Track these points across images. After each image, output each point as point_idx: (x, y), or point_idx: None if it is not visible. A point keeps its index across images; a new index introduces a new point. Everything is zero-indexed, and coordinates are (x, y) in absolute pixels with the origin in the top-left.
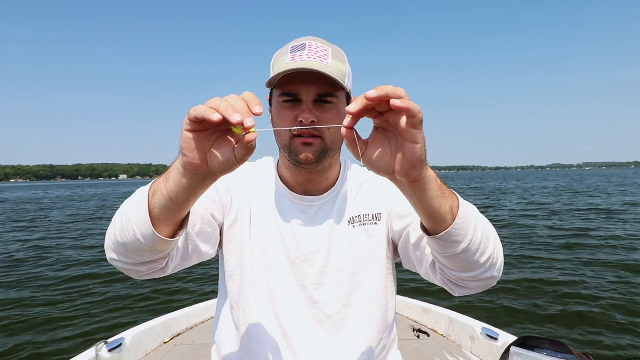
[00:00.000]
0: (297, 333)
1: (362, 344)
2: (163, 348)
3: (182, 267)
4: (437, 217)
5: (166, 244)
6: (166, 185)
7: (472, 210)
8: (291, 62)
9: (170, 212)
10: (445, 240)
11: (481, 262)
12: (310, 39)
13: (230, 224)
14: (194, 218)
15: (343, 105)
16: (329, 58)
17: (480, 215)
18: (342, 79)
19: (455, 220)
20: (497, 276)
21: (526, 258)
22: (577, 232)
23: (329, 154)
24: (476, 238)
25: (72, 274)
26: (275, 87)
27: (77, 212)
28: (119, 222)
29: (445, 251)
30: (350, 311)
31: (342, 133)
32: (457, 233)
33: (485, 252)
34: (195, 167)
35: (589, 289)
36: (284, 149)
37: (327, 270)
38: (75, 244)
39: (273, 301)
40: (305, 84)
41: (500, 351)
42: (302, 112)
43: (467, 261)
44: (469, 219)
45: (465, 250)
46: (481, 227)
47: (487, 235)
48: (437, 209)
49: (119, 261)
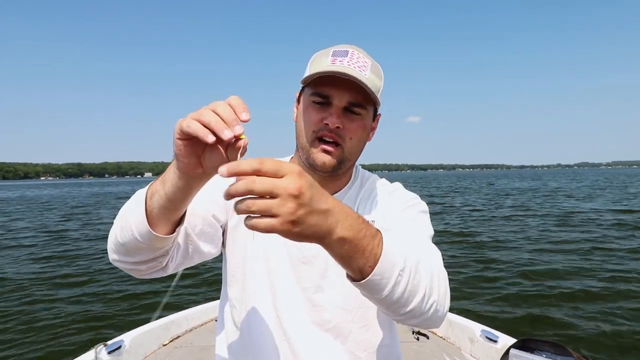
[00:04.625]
0: (298, 335)
1: (361, 348)
2: (162, 350)
3: (183, 266)
4: (345, 269)
5: (163, 241)
6: (164, 187)
7: (396, 267)
8: (331, 64)
9: (168, 212)
10: (357, 288)
11: (401, 312)
12: (353, 47)
13: (234, 224)
14: (195, 219)
15: (369, 120)
16: (367, 70)
17: (412, 268)
18: (375, 92)
19: (365, 279)
20: (427, 322)
21: (525, 259)
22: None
23: (345, 164)
24: (394, 294)
25: (72, 274)
26: (308, 85)
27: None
28: (119, 223)
29: (362, 294)
30: (350, 315)
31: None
32: (369, 287)
33: (408, 305)
34: (190, 170)
35: (589, 290)
36: (303, 148)
37: (327, 273)
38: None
39: (275, 302)
40: (340, 89)
41: (500, 353)
42: (330, 115)
43: (387, 307)
44: (387, 276)
45: (380, 300)
46: (404, 282)
47: (413, 291)
48: (344, 266)
49: (120, 261)
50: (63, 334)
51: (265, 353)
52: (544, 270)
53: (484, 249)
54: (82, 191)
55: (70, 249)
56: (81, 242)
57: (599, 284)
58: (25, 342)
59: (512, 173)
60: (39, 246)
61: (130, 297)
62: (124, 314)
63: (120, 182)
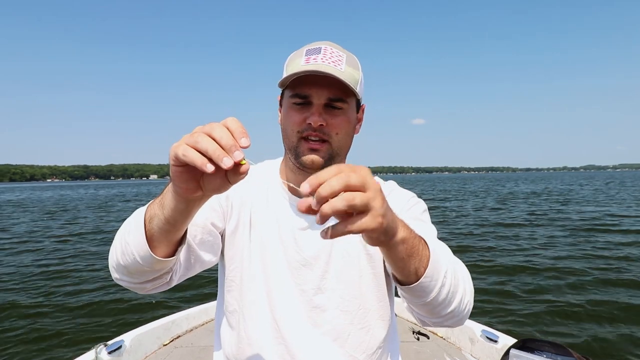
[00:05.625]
0: (296, 338)
1: (360, 350)
2: (162, 350)
3: (186, 277)
4: (401, 273)
5: (165, 264)
6: (162, 211)
7: (442, 268)
8: (305, 64)
9: (169, 234)
10: (408, 292)
11: (443, 313)
12: (326, 43)
13: (231, 230)
14: (195, 229)
15: (352, 113)
16: (342, 64)
17: (451, 269)
18: (354, 85)
19: (419, 280)
20: (461, 321)
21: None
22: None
23: (335, 160)
24: (440, 295)
25: (73, 273)
26: (287, 87)
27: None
28: (119, 246)
29: (409, 299)
30: (349, 317)
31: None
32: (421, 289)
33: (450, 305)
34: (189, 194)
35: (589, 291)
36: (291, 150)
37: (326, 275)
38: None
39: (272, 305)
40: (317, 87)
41: (500, 353)
42: (312, 115)
43: (430, 311)
44: (436, 278)
45: (427, 303)
46: (448, 283)
47: (454, 291)
48: (401, 269)
49: (123, 280)
50: (63, 333)
51: (262, 357)
52: (544, 270)
53: (484, 249)
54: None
55: (70, 248)
56: (80, 242)
57: (599, 284)
58: (25, 342)
59: (518, 176)
60: (38, 246)
61: (130, 297)
62: (124, 314)
63: (127, 184)
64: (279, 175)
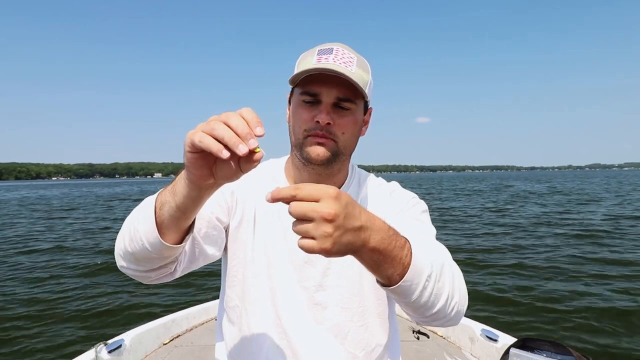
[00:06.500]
0: (298, 334)
1: (360, 347)
2: (162, 349)
3: (189, 270)
4: (376, 277)
5: (173, 251)
6: (174, 198)
7: (424, 272)
8: (317, 63)
9: (179, 221)
10: (388, 293)
11: (427, 314)
12: (338, 44)
13: (235, 225)
14: (200, 222)
15: (360, 114)
16: (353, 65)
17: (437, 272)
18: (363, 87)
19: (397, 284)
20: (450, 322)
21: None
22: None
23: (340, 158)
24: (422, 297)
25: (72, 273)
26: (297, 85)
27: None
28: (127, 233)
29: (394, 298)
30: (349, 314)
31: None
32: (400, 292)
33: (434, 307)
34: (202, 181)
35: (589, 291)
36: (296, 146)
37: (328, 272)
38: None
39: (275, 301)
40: (327, 86)
41: (500, 352)
42: (320, 113)
43: (414, 311)
44: (416, 282)
45: (409, 304)
46: (431, 287)
47: (438, 294)
48: (374, 273)
49: (129, 268)
50: (63, 333)
51: (264, 352)
52: (544, 269)
53: (485, 249)
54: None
55: (70, 247)
56: (81, 241)
57: (599, 284)
58: (25, 341)
59: (522, 175)
60: (39, 245)
61: (130, 296)
62: (124, 313)
63: (131, 182)
64: (284, 173)
